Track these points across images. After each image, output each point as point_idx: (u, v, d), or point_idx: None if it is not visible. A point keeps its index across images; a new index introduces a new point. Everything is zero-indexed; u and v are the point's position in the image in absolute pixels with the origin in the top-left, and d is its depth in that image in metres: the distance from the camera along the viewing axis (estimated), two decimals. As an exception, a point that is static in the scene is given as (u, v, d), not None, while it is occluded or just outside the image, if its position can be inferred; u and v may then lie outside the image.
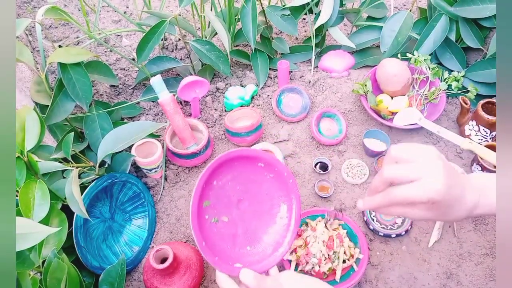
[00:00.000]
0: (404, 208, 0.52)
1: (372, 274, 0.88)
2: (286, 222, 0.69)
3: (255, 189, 0.68)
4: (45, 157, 0.81)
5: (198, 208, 0.62)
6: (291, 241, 0.67)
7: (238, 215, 0.67)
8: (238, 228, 0.66)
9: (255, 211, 0.68)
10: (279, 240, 0.67)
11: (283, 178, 0.68)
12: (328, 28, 1.19)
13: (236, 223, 0.67)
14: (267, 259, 0.65)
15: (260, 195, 0.69)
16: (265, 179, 0.69)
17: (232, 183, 0.66)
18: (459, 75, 1.07)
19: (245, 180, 0.67)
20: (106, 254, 0.89)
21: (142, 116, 1.15)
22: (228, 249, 0.64)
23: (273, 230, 0.68)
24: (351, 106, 1.15)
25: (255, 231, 0.68)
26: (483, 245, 0.91)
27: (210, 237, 0.63)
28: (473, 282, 0.86)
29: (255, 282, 0.58)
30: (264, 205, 0.69)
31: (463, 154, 1.06)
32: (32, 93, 0.91)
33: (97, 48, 1.28)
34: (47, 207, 0.68)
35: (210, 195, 0.64)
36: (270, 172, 0.68)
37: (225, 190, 0.65)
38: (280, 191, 0.69)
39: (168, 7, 1.52)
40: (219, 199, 0.65)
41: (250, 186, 0.68)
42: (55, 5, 0.87)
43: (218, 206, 0.65)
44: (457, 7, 1.07)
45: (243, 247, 0.66)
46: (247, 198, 0.68)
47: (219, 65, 1.10)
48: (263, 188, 0.69)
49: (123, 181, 0.91)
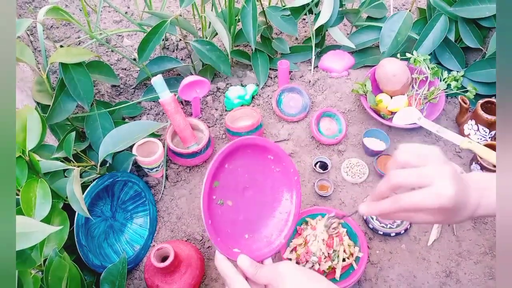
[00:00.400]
0: (408, 213, 0.52)
1: (371, 273, 0.88)
2: (285, 217, 0.70)
3: (261, 180, 0.69)
4: (47, 157, 0.81)
5: (210, 186, 0.62)
6: (288, 235, 0.68)
7: (242, 202, 0.68)
8: (240, 214, 0.67)
9: (258, 202, 0.69)
10: (276, 233, 0.69)
11: (289, 174, 0.69)
12: (328, 28, 1.20)
13: (239, 209, 0.67)
14: (262, 250, 0.66)
15: (265, 187, 0.69)
16: (272, 172, 0.69)
17: (242, 169, 0.67)
18: (458, 74, 1.08)
19: (254, 169, 0.68)
20: (107, 252, 0.90)
21: (143, 115, 1.16)
22: (228, 233, 0.65)
23: (272, 223, 0.69)
24: (350, 105, 1.16)
25: (255, 221, 0.69)
26: (482, 243, 0.91)
27: (215, 217, 0.63)
28: (472, 281, 0.86)
29: (252, 270, 0.58)
30: (267, 197, 0.70)
31: (462, 154, 1.07)
32: (34, 93, 0.92)
33: (98, 48, 1.28)
34: (49, 206, 0.68)
35: (220, 176, 0.64)
36: (277, 165, 0.69)
37: (234, 175, 0.66)
38: (284, 186, 0.70)
39: (169, 7, 1.52)
40: (228, 183, 0.65)
41: (257, 175, 0.68)
42: (56, 5, 0.88)
43: (225, 189, 0.65)
44: (456, 7, 1.07)
45: (241, 233, 0.67)
46: (252, 187, 0.68)
47: (220, 65, 1.10)
48: (269, 180, 0.70)
49: (124, 180, 0.92)
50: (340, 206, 0.99)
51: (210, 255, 0.93)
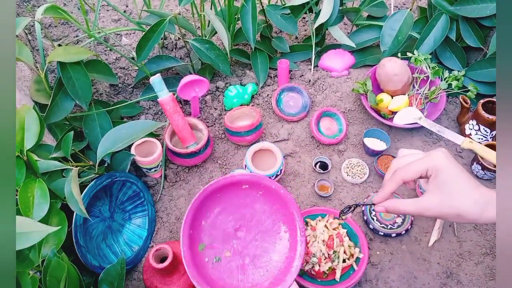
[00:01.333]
0: None
1: (372, 274, 0.88)
2: (291, 233, 0.66)
3: (249, 213, 0.65)
4: (45, 156, 0.80)
5: (193, 256, 0.58)
6: (303, 251, 0.64)
7: (240, 244, 0.64)
8: (244, 258, 0.63)
9: (257, 234, 0.65)
10: (290, 254, 0.64)
11: (273, 190, 0.65)
12: (328, 27, 1.19)
13: (241, 253, 0.63)
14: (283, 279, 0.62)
15: (256, 217, 0.65)
16: (255, 199, 0.65)
17: (222, 216, 0.63)
18: (459, 74, 1.07)
19: (234, 208, 0.64)
20: (106, 253, 0.89)
21: (141, 115, 1.15)
22: (241, 283, 0.61)
23: (281, 246, 0.65)
24: (351, 105, 1.15)
25: (263, 253, 0.64)
26: (483, 244, 0.91)
27: (217, 279, 0.59)
28: (473, 282, 0.86)
29: None
30: (264, 224, 0.66)
31: (463, 153, 1.06)
32: (32, 92, 0.91)
33: (96, 47, 1.28)
34: (47, 206, 0.68)
35: (202, 237, 0.60)
36: (257, 190, 0.65)
37: (217, 226, 0.62)
38: (275, 204, 0.66)
39: (168, 6, 1.51)
40: (214, 237, 0.61)
41: (242, 211, 0.64)
42: (54, 4, 0.87)
43: (215, 245, 0.61)
44: (457, 6, 1.07)
45: (255, 273, 0.63)
46: (243, 224, 0.64)
47: (219, 64, 1.10)
48: (257, 208, 0.65)
49: (122, 180, 0.91)
50: (340, 207, 0.98)
51: (210, 256, 0.92)
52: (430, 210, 0.55)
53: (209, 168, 1.06)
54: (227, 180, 0.63)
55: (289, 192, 0.65)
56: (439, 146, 1.08)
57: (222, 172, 1.05)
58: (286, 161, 1.07)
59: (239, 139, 1.06)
